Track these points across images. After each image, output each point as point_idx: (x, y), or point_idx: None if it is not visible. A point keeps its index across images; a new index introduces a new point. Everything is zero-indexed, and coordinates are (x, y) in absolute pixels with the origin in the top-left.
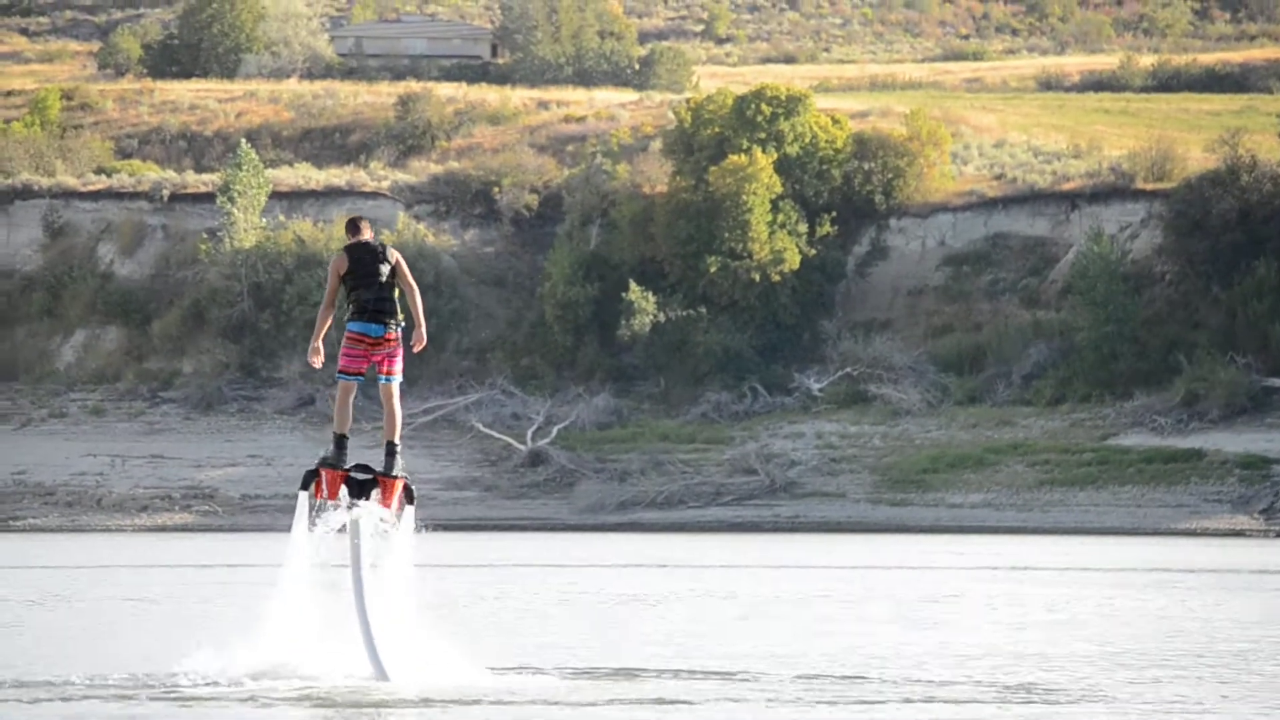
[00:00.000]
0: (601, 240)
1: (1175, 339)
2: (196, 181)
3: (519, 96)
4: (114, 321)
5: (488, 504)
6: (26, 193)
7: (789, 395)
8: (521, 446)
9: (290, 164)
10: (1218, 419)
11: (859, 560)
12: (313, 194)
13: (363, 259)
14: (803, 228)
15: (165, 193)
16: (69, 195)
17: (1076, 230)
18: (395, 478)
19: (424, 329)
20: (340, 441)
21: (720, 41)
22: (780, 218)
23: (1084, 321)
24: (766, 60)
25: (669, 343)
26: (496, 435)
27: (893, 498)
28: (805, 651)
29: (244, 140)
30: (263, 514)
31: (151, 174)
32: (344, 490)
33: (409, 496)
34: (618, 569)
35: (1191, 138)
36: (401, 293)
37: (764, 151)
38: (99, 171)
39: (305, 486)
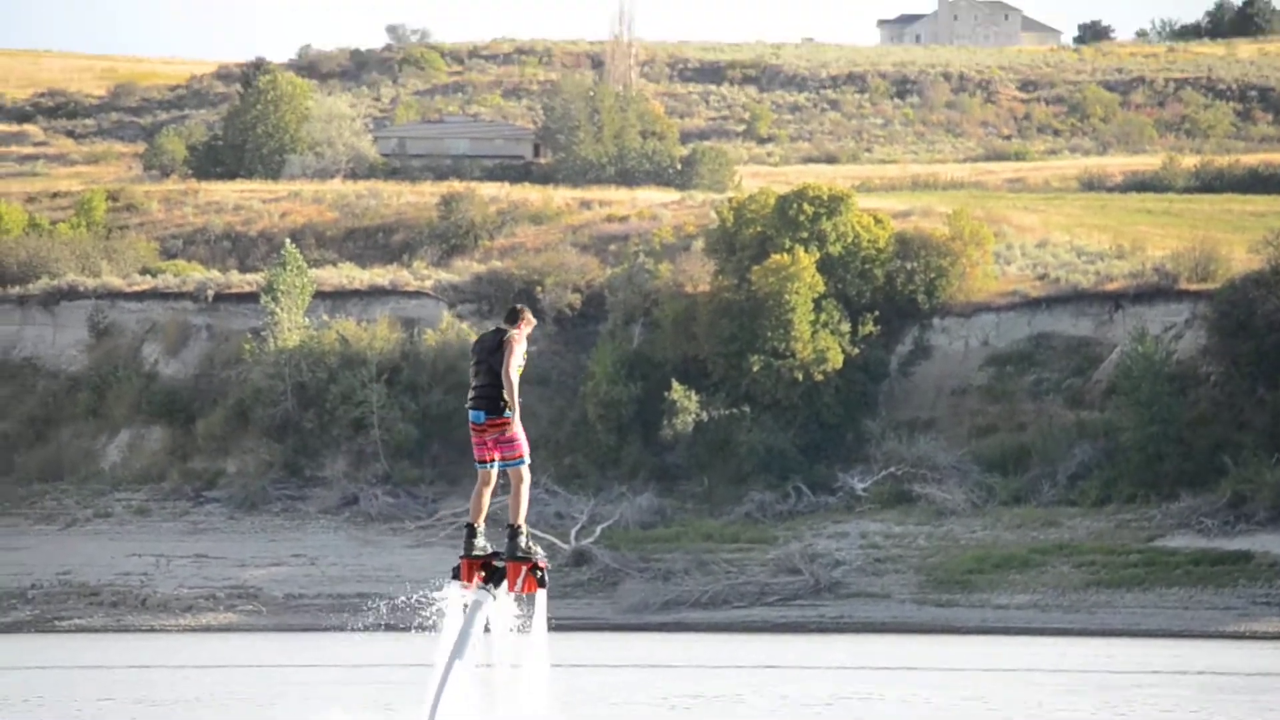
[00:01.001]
0: (644, 339)
1: (1221, 440)
2: (241, 281)
3: (561, 196)
4: (159, 421)
5: None
6: (72, 293)
7: (833, 495)
8: (565, 545)
9: (334, 263)
10: (1265, 520)
11: (938, 661)
12: (356, 293)
13: (476, 348)
14: (845, 327)
15: (210, 293)
16: (114, 295)
17: (1120, 330)
18: (517, 560)
19: (511, 405)
20: (469, 530)
21: (762, 141)
22: (823, 317)
23: (1129, 422)
24: (808, 160)
25: (712, 442)
26: (540, 534)
27: (938, 598)
28: None
29: (288, 240)
30: (306, 614)
31: (196, 274)
32: (482, 578)
33: (539, 581)
34: (748, 670)
35: (1235, 238)
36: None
37: (806, 251)
38: (144, 272)
39: (456, 577)
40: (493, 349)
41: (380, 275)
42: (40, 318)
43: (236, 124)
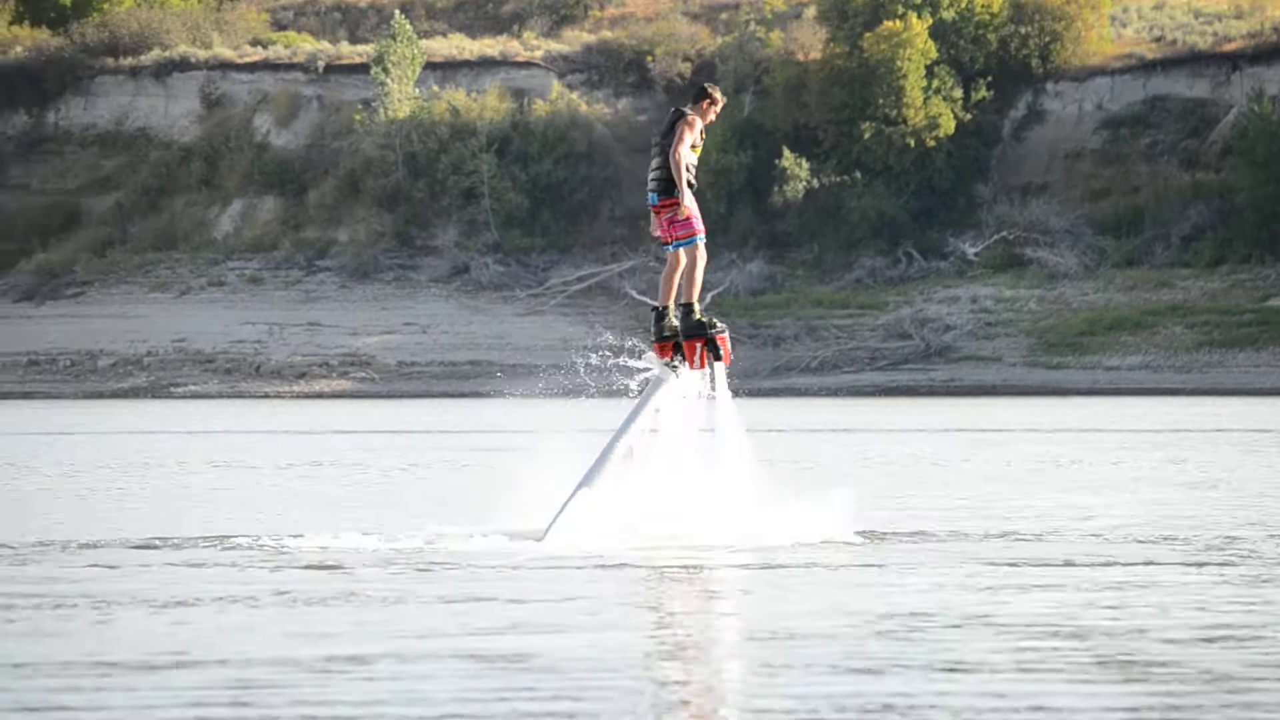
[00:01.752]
0: (755, 107)
1: None
2: (351, 53)
3: None
4: (270, 191)
5: None
6: (184, 65)
7: (944, 260)
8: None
9: (444, 34)
10: None
11: (1101, 421)
12: (466, 64)
13: (659, 130)
14: (958, 93)
15: (320, 64)
16: (225, 67)
17: (1238, 92)
18: (691, 339)
19: (680, 194)
20: (657, 314)
21: None
22: (935, 83)
23: (1245, 182)
24: None
25: (823, 208)
26: (650, 301)
27: (1049, 361)
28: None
29: (398, 11)
30: (418, 381)
31: (306, 45)
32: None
33: (714, 353)
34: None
35: None
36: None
37: (919, 17)
38: (255, 43)
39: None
40: (667, 130)
41: (490, 46)
42: (152, 89)
43: None
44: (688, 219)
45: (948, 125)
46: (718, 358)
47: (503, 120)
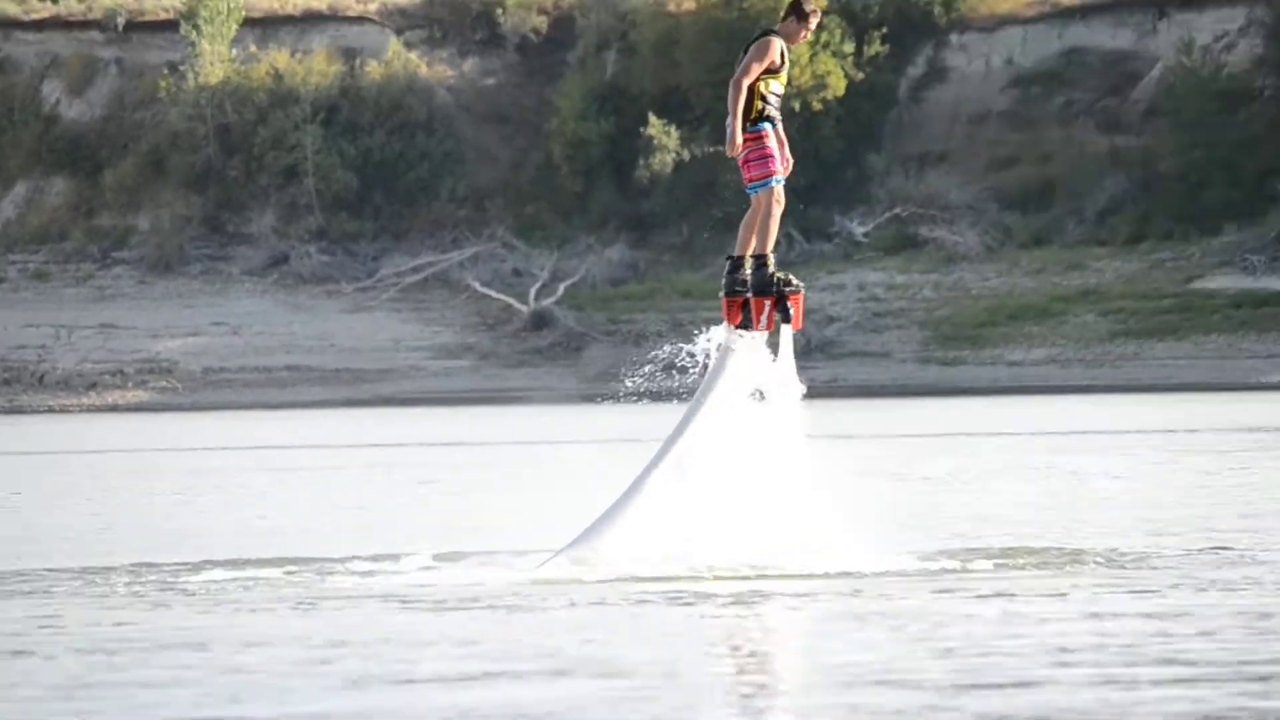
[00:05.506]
0: (619, 68)
1: (1273, 165)
2: (156, 7)
3: None
4: (59, 171)
5: (484, 374)
6: None
7: (829, 241)
8: (523, 307)
9: None
10: None
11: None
12: (290, 20)
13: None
14: (849, 47)
15: (120, 21)
16: (7, 25)
17: (1164, 42)
18: (760, 296)
19: (733, 132)
20: (731, 261)
21: None
22: (823, 36)
23: (1169, 147)
24: None
25: (693, 185)
26: (495, 295)
27: (944, 356)
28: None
29: None
30: (228, 390)
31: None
32: (739, 321)
33: (783, 315)
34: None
35: None
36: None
37: None
38: None
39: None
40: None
41: None
42: None
43: None
44: (763, 158)
45: (837, 85)
46: (786, 320)
47: (330, 85)
